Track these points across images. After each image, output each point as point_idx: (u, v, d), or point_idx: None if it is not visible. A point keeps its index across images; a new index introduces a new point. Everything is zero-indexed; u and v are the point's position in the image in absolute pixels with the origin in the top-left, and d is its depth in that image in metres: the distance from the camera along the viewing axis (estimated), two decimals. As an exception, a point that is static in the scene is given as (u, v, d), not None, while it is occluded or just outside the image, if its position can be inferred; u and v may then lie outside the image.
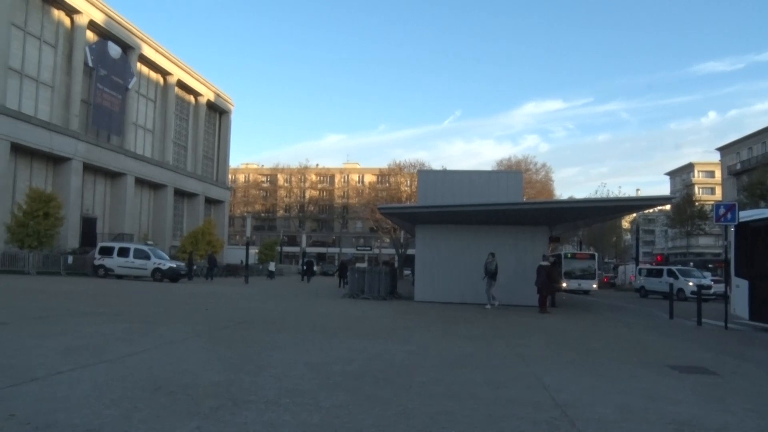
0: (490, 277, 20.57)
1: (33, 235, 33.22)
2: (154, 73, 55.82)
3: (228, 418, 4.75)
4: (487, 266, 20.72)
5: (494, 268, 20.64)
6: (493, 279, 20.60)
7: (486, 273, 20.74)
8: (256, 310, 16.48)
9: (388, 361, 8.21)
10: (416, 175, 51.94)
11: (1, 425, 4.21)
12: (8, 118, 37.13)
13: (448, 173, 33.10)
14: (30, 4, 40.65)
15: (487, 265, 20.73)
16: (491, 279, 20.57)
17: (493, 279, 20.59)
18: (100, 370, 6.58)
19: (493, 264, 20.65)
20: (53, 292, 19.07)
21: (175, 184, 57.66)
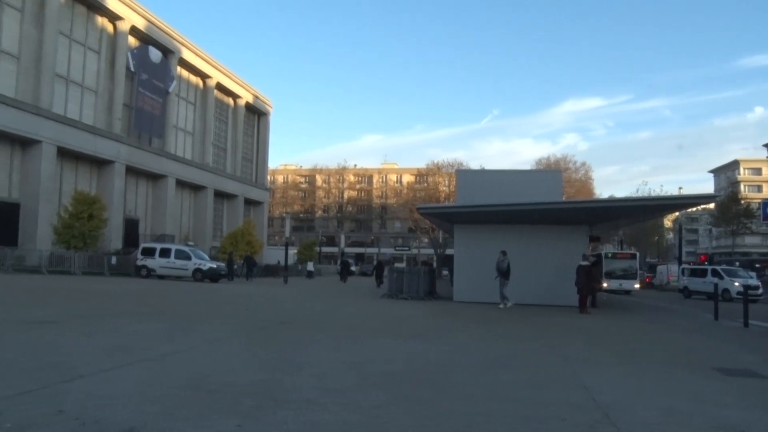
0: (503, 276, 20.35)
1: (78, 237, 33.90)
2: (193, 77, 56.64)
3: (268, 416, 4.76)
4: (499, 265, 20.51)
5: (506, 267, 20.36)
6: (506, 278, 20.35)
7: (498, 272, 20.54)
8: (296, 310, 16.57)
9: (427, 361, 8.17)
10: (454, 174, 51.73)
11: (51, 420, 4.29)
12: (55, 123, 38.12)
13: (486, 173, 32.91)
14: (75, 13, 41.68)
15: (499, 264, 20.52)
16: (503, 278, 20.34)
17: (505, 278, 20.35)
18: (144, 368, 6.68)
19: (505, 263, 20.38)
20: (98, 292, 19.44)
21: (215, 185, 58.41)
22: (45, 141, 37.29)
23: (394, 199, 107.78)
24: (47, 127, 37.44)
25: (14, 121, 35.31)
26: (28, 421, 4.25)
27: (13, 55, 36.85)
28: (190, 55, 53.70)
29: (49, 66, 38.22)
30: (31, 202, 37.14)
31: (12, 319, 10.55)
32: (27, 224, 36.96)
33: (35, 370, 6.12)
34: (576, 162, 75.23)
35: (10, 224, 36.41)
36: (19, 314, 11.37)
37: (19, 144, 37.22)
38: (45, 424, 4.20)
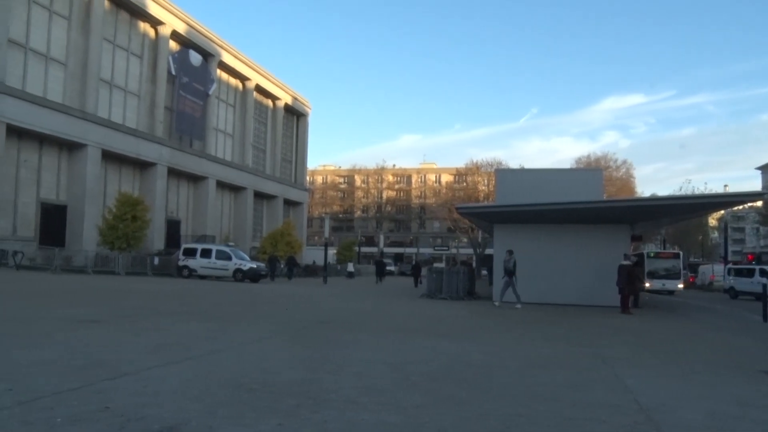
0: (509, 276, 20.05)
1: (122, 238, 34.49)
2: (233, 79, 57.35)
3: (308, 415, 4.79)
4: (505, 264, 20.27)
5: (512, 266, 20.07)
6: (510, 277, 20.02)
7: (504, 272, 20.28)
8: (335, 310, 16.65)
9: (466, 362, 8.12)
10: (493, 174, 51.38)
11: (98, 416, 4.40)
12: (100, 126, 39.03)
13: (525, 172, 32.60)
14: (119, 19, 42.61)
15: (505, 263, 20.28)
16: (509, 277, 20.01)
17: (509, 277, 20.02)
18: (186, 366, 6.78)
19: (511, 262, 20.10)
20: (141, 292, 19.78)
21: (255, 186, 59.03)
22: (90, 144, 38.19)
23: (432, 198, 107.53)
24: (93, 130, 38.34)
25: (62, 126, 36.25)
26: (76, 416, 4.37)
27: (61, 62, 37.84)
28: (229, 57, 54.39)
29: (94, 71, 39.15)
30: (77, 203, 38.07)
31: (60, 318, 10.81)
32: (74, 225, 37.89)
33: (82, 368, 6.26)
34: (617, 160, 74.01)
35: (58, 225, 37.38)
36: (67, 313, 11.65)
37: (66, 148, 38.18)
38: (93, 420, 4.30)
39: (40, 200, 36.83)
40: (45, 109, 35.26)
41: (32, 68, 35.99)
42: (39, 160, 36.85)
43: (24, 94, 34.20)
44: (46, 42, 36.92)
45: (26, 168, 35.89)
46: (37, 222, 36.58)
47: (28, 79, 35.54)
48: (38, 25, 36.36)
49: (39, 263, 31.32)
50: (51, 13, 37.16)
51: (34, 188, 36.49)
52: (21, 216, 35.54)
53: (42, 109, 35.04)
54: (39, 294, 16.57)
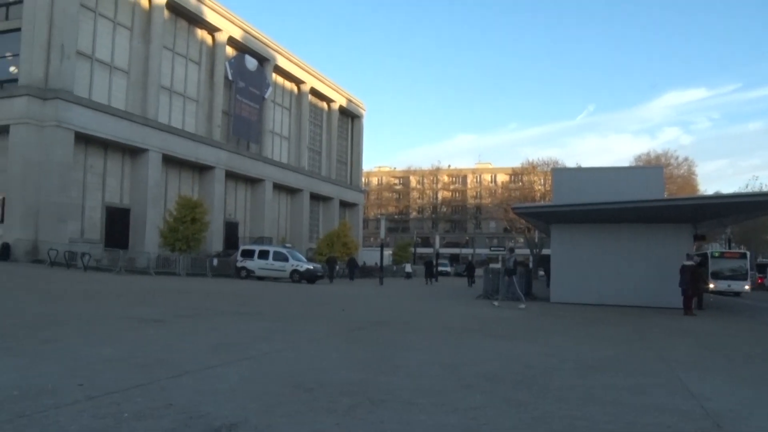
0: (509, 275, 19.63)
1: (182, 239, 35.20)
2: (288, 83, 58.11)
3: (365, 416, 4.80)
4: (506, 263, 19.87)
5: (512, 265, 19.64)
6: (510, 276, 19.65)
7: (505, 271, 19.86)
8: (391, 311, 16.68)
9: (524, 364, 8.02)
10: (550, 173, 50.67)
11: (162, 413, 4.52)
12: (161, 132, 40.13)
13: (583, 170, 32.04)
14: (178, 27, 43.74)
15: (506, 262, 19.88)
16: (510, 276, 19.62)
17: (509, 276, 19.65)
18: (245, 366, 6.88)
19: (511, 260, 19.69)
20: (201, 292, 20.15)
21: (311, 188, 59.66)
22: (152, 149, 39.27)
23: (488, 199, 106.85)
24: (154, 136, 39.44)
25: (125, 132, 37.39)
26: (142, 412, 4.50)
27: (124, 70, 39.05)
28: (284, 61, 55.13)
29: (155, 79, 40.28)
30: (139, 207, 39.19)
31: (125, 318, 11.14)
32: (136, 228, 39.01)
33: (146, 366, 6.44)
34: (678, 157, 72.22)
35: (122, 228, 38.54)
36: (131, 313, 11.98)
37: (129, 153, 39.35)
38: (157, 416, 4.42)
39: (105, 204, 38.07)
40: (109, 116, 36.45)
41: (97, 77, 37.25)
42: (104, 165, 38.08)
43: (90, 103, 35.43)
44: (110, 52, 38.18)
45: (92, 173, 37.15)
46: (102, 225, 37.81)
47: (94, 87, 36.79)
48: (103, 36, 37.65)
49: (105, 264, 32.23)
50: (115, 24, 38.42)
51: (99, 192, 37.73)
52: (88, 219, 36.79)
53: (106, 117, 36.23)
54: (106, 294, 17.08)
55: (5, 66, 35.56)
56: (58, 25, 33.55)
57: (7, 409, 4.40)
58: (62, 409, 4.47)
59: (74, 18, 34.37)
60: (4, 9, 36.03)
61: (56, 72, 33.41)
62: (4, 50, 35.64)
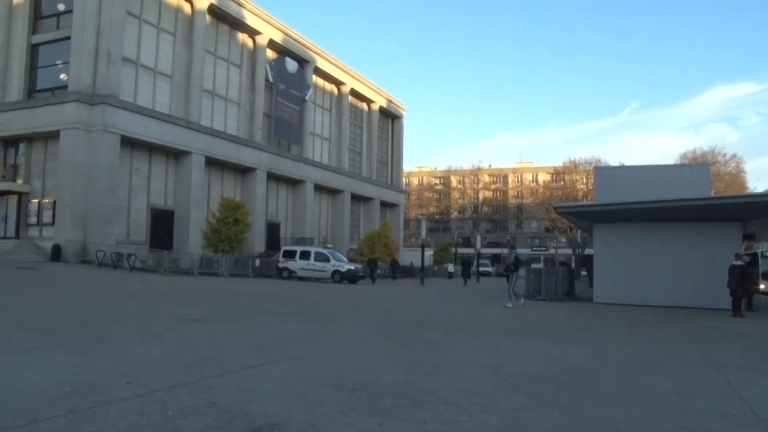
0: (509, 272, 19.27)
1: (225, 240, 35.60)
2: (328, 84, 58.45)
3: (407, 416, 4.81)
4: (506, 259, 19.54)
5: (511, 262, 19.22)
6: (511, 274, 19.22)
7: (505, 269, 19.49)
8: (432, 311, 16.69)
9: (567, 365, 7.95)
10: (592, 172, 49.97)
11: (206, 411, 4.62)
12: (203, 134, 40.79)
13: (626, 169, 31.53)
14: (219, 31, 44.40)
15: (506, 258, 19.55)
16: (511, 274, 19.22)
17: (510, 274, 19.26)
18: (287, 365, 6.98)
19: (511, 257, 19.30)
20: (243, 293, 20.42)
21: (352, 189, 59.91)
22: (195, 152, 39.94)
23: (530, 198, 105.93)
24: (197, 139, 40.10)
25: (169, 135, 38.11)
26: (187, 410, 4.61)
27: (167, 74, 39.81)
28: (324, 63, 55.47)
29: (197, 82, 40.96)
30: (183, 208, 39.88)
31: (170, 317, 11.37)
32: (180, 229, 39.71)
33: (190, 365, 6.57)
34: (725, 154, 70.35)
35: (166, 229, 39.27)
36: (176, 313, 12.21)
37: (173, 155, 40.08)
38: (202, 414, 4.52)
39: (150, 206, 38.83)
40: (154, 119, 37.21)
41: (142, 82, 38.04)
42: (149, 168, 38.86)
43: (135, 107, 36.21)
44: (154, 57, 38.97)
45: (137, 176, 37.94)
46: (147, 226, 38.57)
47: (139, 92, 37.59)
48: (147, 42, 38.45)
49: (150, 265, 32.82)
50: (158, 30, 39.21)
51: (144, 195, 38.51)
52: (133, 221, 37.59)
53: (151, 120, 36.99)
54: (151, 294, 17.42)
55: (56, 73, 36.65)
56: (105, 32, 34.42)
57: (61, 405, 4.57)
58: (111, 406, 4.61)
59: (120, 25, 35.21)
60: (55, 19, 37.21)
61: (103, 78, 34.27)
62: (56, 58, 36.73)
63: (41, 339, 7.95)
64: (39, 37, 37.47)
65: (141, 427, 4.14)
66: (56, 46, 36.53)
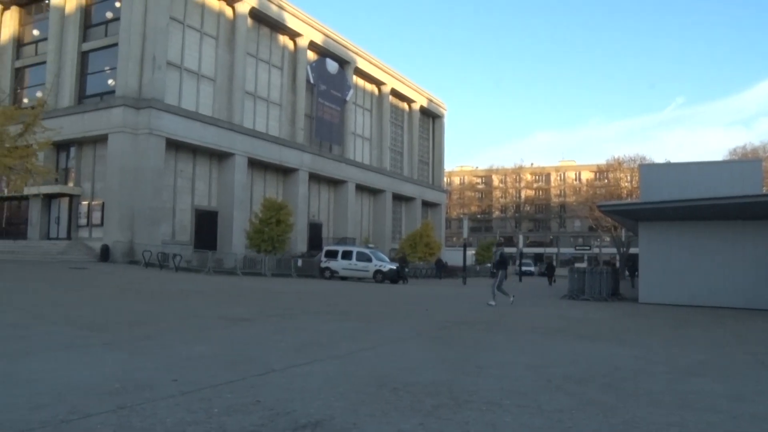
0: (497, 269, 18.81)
1: (268, 241, 35.90)
2: (369, 84, 58.61)
3: (449, 416, 4.81)
4: (493, 257, 19.11)
5: (497, 260, 18.81)
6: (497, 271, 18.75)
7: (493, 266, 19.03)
8: (475, 311, 16.61)
9: (612, 366, 7.83)
10: (637, 169, 49.11)
11: (250, 409, 4.71)
12: (246, 136, 41.31)
13: (672, 166, 30.90)
14: (260, 34, 44.91)
15: (493, 256, 19.12)
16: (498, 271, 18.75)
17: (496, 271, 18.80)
18: (330, 364, 7.03)
19: (497, 254, 18.94)
20: (286, 293, 20.60)
21: (393, 188, 59.95)
22: (238, 153, 40.47)
23: (573, 197, 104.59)
24: (239, 140, 40.63)
25: (213, 137, 38.70)
26: (232, 408, 4.70)
27: (210, 78, 40.43)
28: (364, 63, 55.64)
29: (240, 85, 41.50)
30: (226, 209, 40.43)
31: (215, 316, 11.57)
32: (224, 230, 40.26)
33: (235, 363, 6.69)
34: (777, 149, 68.49)
35: (210, 230, 39.86)
36: (221, 312, 12.41)
37: (216, 157, 40.67)
38: (246, 412, 4.61)
39: (194, 207, 39.47)
40: (197, 122, 37.82)
41: (186, 86, 38.72)
42: (193, 169, 39.51)
43: (179, 110, 36.87)
44: (197, 61, 39.62)
45: (182, 177, 38.61)
46: (192, 227, 39.21)
47: (183, 95, 38.27)
48: (191, 46, 39.12)
49: (194, 265, 33.33)
50: (201, 34, 39.86)
51: (189, 196, 39.16)
52: (178, 222, 38.26)
53: (195, 123, 37.61)
54: (196, 294, 17.72)
55: (105, 79, 37.62)
56: (150, 38, 35.17)
57: (111, 401, 4.72)
58: (159, 402, 4.73)
59: (164, 31, 35.93)
60: (104, 27, 38.25)
61: (149, 82, 35.01)
62: (104, 65, 37.71)
63: (92, 336, 8.19)
64: (89, 44, 38.54)
65: (187, 423, 4.24)
66: (105, 52, 37.55)
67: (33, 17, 42.31)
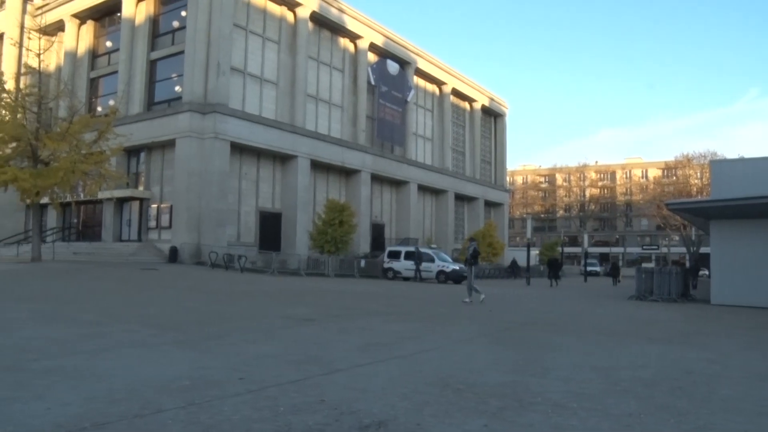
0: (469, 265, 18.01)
1: (331, 242, 36.19)
2: (429, 85, 58.51)
3: (514, 418, 4.77)
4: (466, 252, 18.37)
5: (470, 255, 17.93)
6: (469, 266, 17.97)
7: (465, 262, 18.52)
8: (539, 312, 16.40)
9: (683, 369, 7.57)
10: (708, 166, 47.56)
11: (315, 408, 4.78)
12: (308, 138, 41.83)
13: (747, 161, 29.69)
14: (321, 37, 45.42)
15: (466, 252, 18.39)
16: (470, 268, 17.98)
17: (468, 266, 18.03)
18: (393, 365, 7.05)
19: (470, 250, 18.09)
20: (350, 293, 20.73)
21: (455, 189, 59.68)
22: (300, 156, 41.01)
23: (639, 195, 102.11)
24: (302, 143, 41.17)
25: (276, 140, 39.34)
26: (297, 407, 4.77)
27: (273, 82, 41.11)
28: (425, 64, 55.58)
29: (302, 88, 42.05)
30: (290, 211, 41.01)
31: (280, 316, 11.75)
32: (287, 231, 40.85)
33: (300, 362, 6.78)
34: None
35: (274, 231, 40.52)
36: (286, 312, 12.60)
37: (279, 159, 41.32)
38: (311, 411, 4.67)
39: (258, 209, 40.17)
40: (261, 125, 38.50)
41: (249, 90, 39.48)
42: (257, 172, 40.23)
43: (243, 114, 37.64)
44: (260, 65, 40.36)
45: (246, 180, 39.38)
46: (256, 229, 39.91)
47: (247, 100, 39.04)
48: (254, 51, 39.89)
49: (259, 266, 33.84)
50: (264, 39, 40.59)
51: (253, 198, 39.89)
52: (243, 224, 39.02)
53: (258, 126, 38.30)
54: (261, 294, 18.03)
55: (172, 86, 38.79)
56: (215, 45, 36.05)
57: (181, 397, 4.86)
58: (226, 400, 4.85)
59: (228, 37, 36.75)
60: (170, 36, 39.52)
61: (214, 88, 35.86)
62: (171, 72, 38.92)
63: (163, 335, 8.45)
64: (157, 53, 39.80)
65: (253, 421, 4.32)
66: (171, 60, 38.75)
67: (106, 29, 44.02)
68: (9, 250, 37.90)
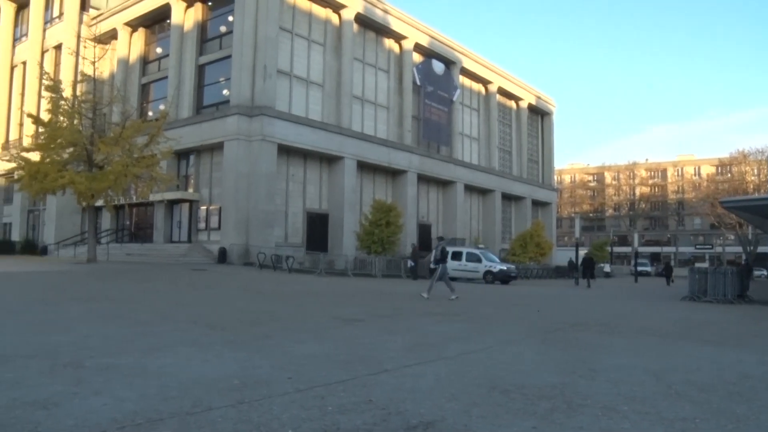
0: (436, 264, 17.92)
1: (378, 242, 36.35)
2: (475, 84, 58.19)
3: (563, 420, 4.71)
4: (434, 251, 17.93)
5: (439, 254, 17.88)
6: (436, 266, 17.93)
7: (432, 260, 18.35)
8: (588, 312, 16.14)
9: (741, 373, 7.31)
10: (765, 162, 46.15)
11: (362, 408, 4.79)
12: (355, 139, 42.06)
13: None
14: (366, 39, 45.63)
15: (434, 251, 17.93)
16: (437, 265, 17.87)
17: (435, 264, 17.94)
18: (441, 366, 7.01)
19: (438, 248, 17.94)
20: (396, 294, 20.76)
21: (502, 188, 59.26)
22: (347, 157, 41.25)
23: (692, 193, 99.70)
24: (348, 144, 41.41)
25: (322, 142, 39.66)
26: (344, 407, 4.79)
27: (319, 84, 41.47)
28: (470, 63, 55.30)
29: (347, 89, 42.31)
30: (337, 211, 41.28)
31: (328, 316, 11.82)
32: (334, 232, 41.13)
33: (348, 363, 6.81)
34: None
35: (321, 232, 40.85)
36: (334, 312, 12.66)
37: (326, 161, 41.64)
38: (359, 411, 4.69)
39: (306, 210, 40.55)
40: (307, 127, 38.86)
41: (296, 92, 39.90)
42: (304, 173, 40.61)
43: (290, 116, 38.05)
44: (306, 68, 40.75)
45: (293, 181, 39.78)
46: (303, 229, 40.30)
47: (293, 102, 39.47)
48: (299, 54, 40.32)
49: (306, 267, 34.10)
50: (309, 42, 40.97)
51: (300, 199, 40.29)
52: (291, 225, 39.44)
53: (305, 128, 38.66)
54: (309, 295, 18.17)
55: (220, 90, 39.51)
56: (261, 48, 36.57)
57: (231, 396, 4.94)
58: (275, 399, 4.90)
59: (274, 40, 37.22)
60: (218, 40, 40.33)
61: (260, 91, 36.35)
62: (219, 76, 39.61)
63: (214, 335, 8.59)
64: (205, 57, 40.61)
65: (302, 420, 4.36)
66: (219, 64, 39.44)
67: (156, 36, 45.19)
68: (67, 251, 39.27)
